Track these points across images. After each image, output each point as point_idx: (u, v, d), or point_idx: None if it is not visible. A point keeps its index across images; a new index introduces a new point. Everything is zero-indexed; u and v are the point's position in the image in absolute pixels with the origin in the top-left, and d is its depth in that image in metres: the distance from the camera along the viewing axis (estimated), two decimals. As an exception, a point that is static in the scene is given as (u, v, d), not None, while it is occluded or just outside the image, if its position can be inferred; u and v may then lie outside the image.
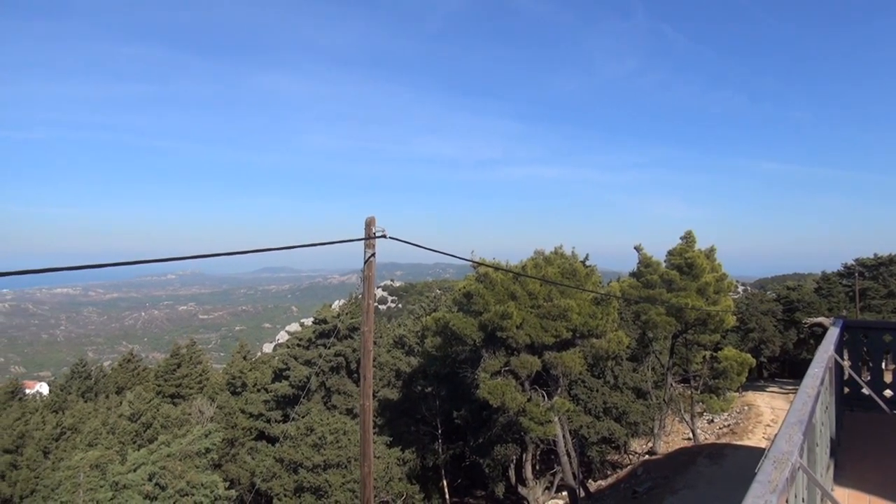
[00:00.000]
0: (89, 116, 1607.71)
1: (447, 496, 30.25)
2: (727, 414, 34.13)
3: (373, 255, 8.92)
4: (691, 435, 29.93)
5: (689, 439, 30.27)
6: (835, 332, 8.24)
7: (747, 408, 35.46)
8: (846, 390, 10.28)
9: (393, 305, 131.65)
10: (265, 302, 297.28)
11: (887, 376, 10.56)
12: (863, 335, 10.62)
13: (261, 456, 28.74)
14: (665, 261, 28.22)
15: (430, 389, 29.87)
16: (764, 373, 53.60)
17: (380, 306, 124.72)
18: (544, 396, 21.24)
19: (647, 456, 30.16)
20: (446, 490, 30.28)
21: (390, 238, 8.91)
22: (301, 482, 22.56)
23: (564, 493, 26.11)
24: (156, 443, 19.86)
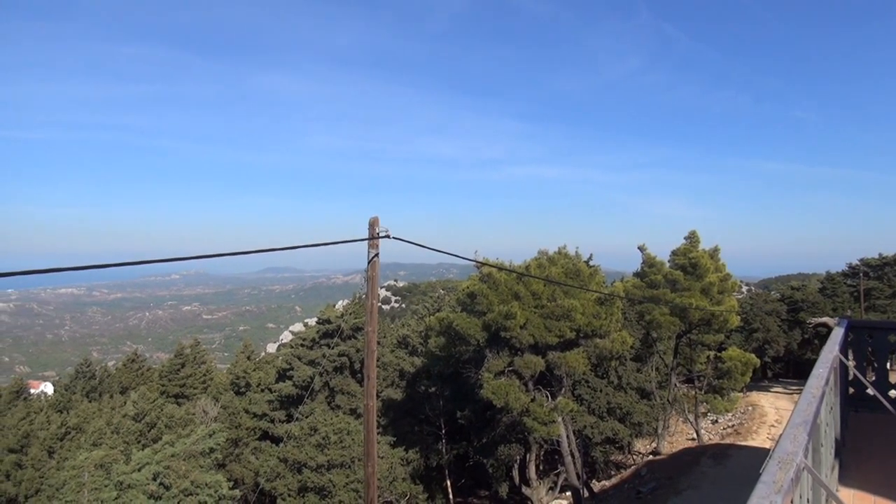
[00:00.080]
0: (91, 117, 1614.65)
1: (451, 496, 30.24)
2: (731, 414, 34.04)
3: (376, 256, 8.92)
4: (695, 435, 29.87)
5: (693, 440, 30.20)
6: (839, 333, 8.24)
7: (751, 408, 35.35)
8: (851, 391, 10.28)
9: (396, 305, 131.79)
10: (269, 302, 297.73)
11: (892, 377, 10.54)
12: (868, 335, 10.60)
13: (265, 456, 28.82)
14: (669, 261, 28.19)
15: (434, 389, 29.86)
16: (768, 373, 53.44)
17: (383, 306, 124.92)
18: (548, 397, 21.22)
19: (651, 456, 30.13)
20: (450, 490, 30.26)
21: (394, 238, 8.90)
22: (305, 482, 22.59)
23: (568, 494, 26.12)
24: (160, 443, 19.88)
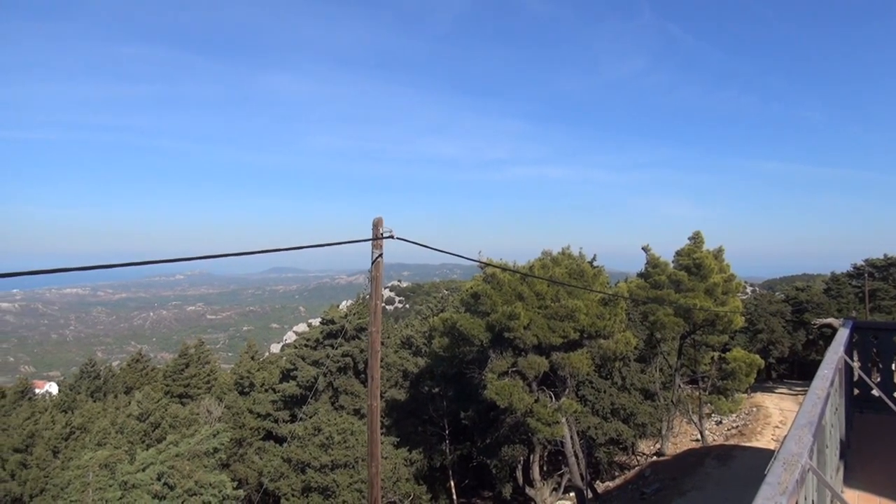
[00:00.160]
0: (94, 117, 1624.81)
1: (454, 497, 30.24)
2: (735, 415, 33.95)
3: (380, 256, 8.91)
4: (699, 436, 29.80)
5: (698, 440, 30.12)
6: (844, 334, 8.21)
7: (756, 409, 35.25)
8: (856, 392, 10.24)
9: (400, 306, 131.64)
10: (273, 302, 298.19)
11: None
12: (873, 336, 10.56)
13: (269, 456, 28.89)
14: (673, 261, 28.12)
15: (438, 390, 29.87)
16: (773, 374, 53.25)
17: (387, 307, 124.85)
18: (552, 397, 21.19)
19: (655, 457, 30.06)
20: (454, 491, 30.26)
21: (398, 238, 8.87)
22: (309, 482, 22.61)
23: (572, 494, 26.06)
24: (164, 442, 19.94)
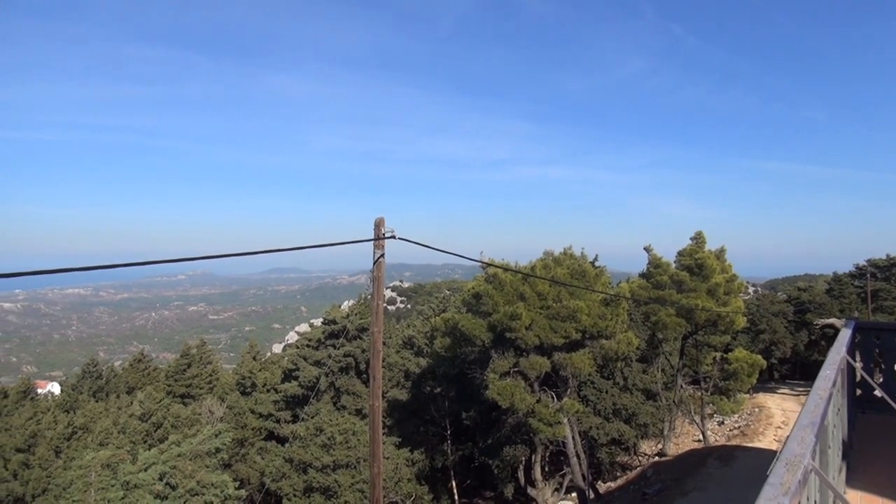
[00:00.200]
0: (96, 118, 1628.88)
1: (456, 497, 30.22)
2: (737, 416, 33.91)
3: (382, 256, 8.91)
4: (701, 437, 29.76)
5: (700, 441, 30.09)
6: (847, 334, 8.18)
7: (758, 410, 35.21)
8: (858, 392, 10.21)
9: (402, 306, 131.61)
10: (275, 302, 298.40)
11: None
12: (875, 337, 10.54)
13: (270, 456, 28.89)
14: (675, 261, 28.08)
15: (440, 390, 29.87)
16: (775, 374, 53.18)
17: (389, 307, 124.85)
18: (553, 397, 21.18)
19: (657, 458, 30.02)
20: (455, 491, 30.25)
21: (400, 239, 8.86)
22: (310, 482, 22.62)
23: (574, 495, 26.02)
24: (166, 442, 19.95)
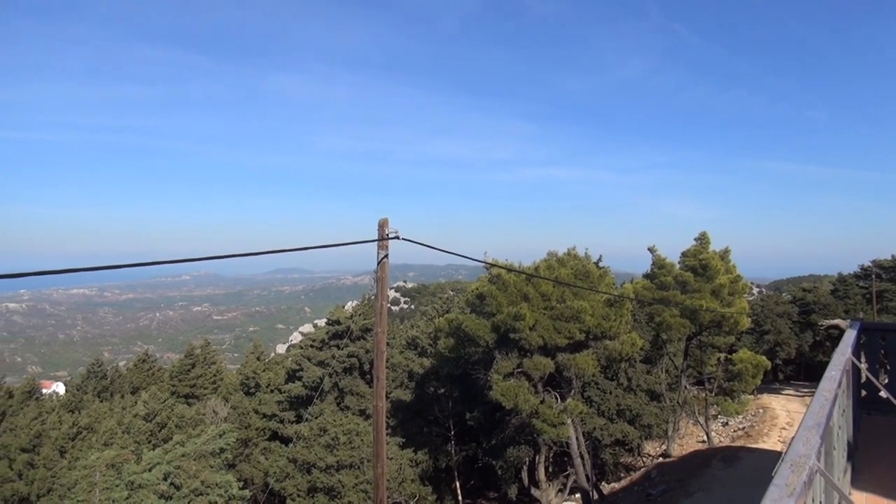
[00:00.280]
0: (96, 118, 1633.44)
1: (460, 497, 30.19)
2: (742, 417, 33.83)
3: (386, 257, 8.92)
4: (705, 438, 29.70)
5: (704, 442, 30.02)
6: (852, 335, 8.16)
7: (762, 411, 35.10)
8: (863, 393, 10.19)
9: (406, 307, 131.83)
10: (279, 303, 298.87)
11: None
12: (880, 338, 10.50)
13: (274, 456, 28.93)
14: (679, 262, 28.02)
15: (443, 391, 29.86)
16: (779, 375, 53.06)
17: (392, 307, 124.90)
18: (557, 398, 21.15)
19: (661, 458, 29.96)
20: (459, 491, 30.22)
21: (403, 239, 8.87)
22: (314, 482, 22.66)
23: (578, 496, 25.99)
24: (170, 442, 19.97)
